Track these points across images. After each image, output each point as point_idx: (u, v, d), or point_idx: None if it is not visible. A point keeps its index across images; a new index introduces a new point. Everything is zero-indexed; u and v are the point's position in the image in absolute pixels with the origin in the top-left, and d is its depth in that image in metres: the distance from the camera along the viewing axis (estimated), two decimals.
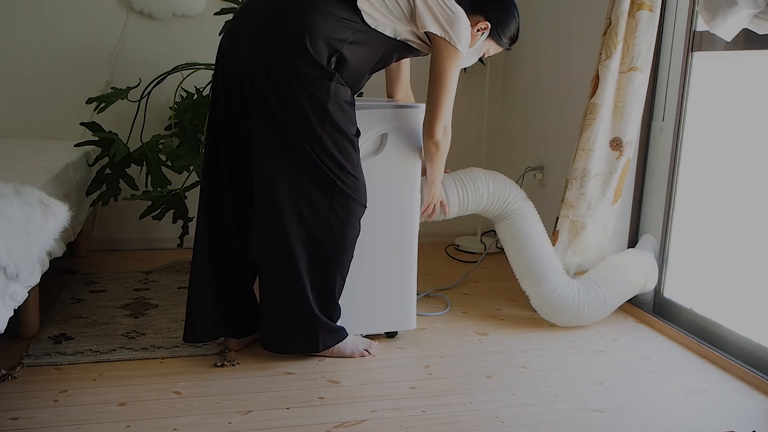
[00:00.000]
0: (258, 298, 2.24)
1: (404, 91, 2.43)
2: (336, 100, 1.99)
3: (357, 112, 2.09)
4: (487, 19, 2.13)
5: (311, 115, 1.97)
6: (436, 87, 2.09)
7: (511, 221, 2.54)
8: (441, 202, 2.36)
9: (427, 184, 2.29)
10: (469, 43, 2.10)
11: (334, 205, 2.06)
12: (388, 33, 2.04)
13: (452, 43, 2.02)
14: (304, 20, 1.94)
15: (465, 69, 3.58)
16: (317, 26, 1.94)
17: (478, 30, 2.13)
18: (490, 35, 2.17)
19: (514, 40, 2.24)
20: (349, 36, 1.98)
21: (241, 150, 2.12)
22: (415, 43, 2.09)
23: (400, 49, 2.12)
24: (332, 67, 1.98)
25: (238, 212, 2.17)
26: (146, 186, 3.08)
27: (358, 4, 1.98)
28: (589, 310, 2.50)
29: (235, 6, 2.84)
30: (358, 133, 2.08)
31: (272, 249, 2.09)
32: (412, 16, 2.02)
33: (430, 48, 2.09)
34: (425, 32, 2.03)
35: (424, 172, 2.33)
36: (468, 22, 2.06)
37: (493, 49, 2.23)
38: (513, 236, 2.54)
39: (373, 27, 2.01)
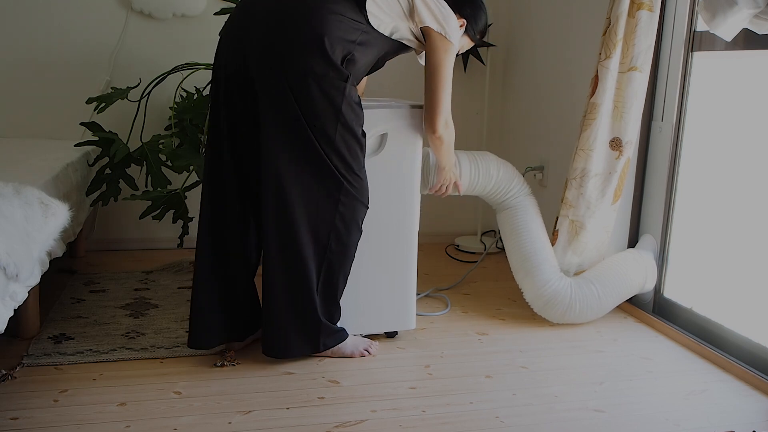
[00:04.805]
0: (256, 298, 2.24)
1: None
2: (349, 101, 2.01)
3: None
4: (462, 16, 2.22)
5: (325, 115, 1.98)
6: (433, 81, 2.13)
7: (512, 213, 2.58)
8: (455, 182, 2.40)
9: (439, 170, 2.33)
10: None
11: (340, 206, 2.06)
12: (387, 32, 2.07)
13: (447, 37, 2.09)
14: (322, 22, 1.95)
15: (465, 69, 3.59)
16: (333, 28, 1.96)
17: None
18: (465, 31, 2.25)
19: (483, 33, 2.35)
20: (357, 37, 2.01)
21: (247, 148, 2.11)
22: (410, 41, 2.13)
23: (395, 49, 2.16)
24: (344, 66, 1.99)
25: (242, 213, 2.15)
26: (146, 186, 3.08)
27: (366, 5, 2.00)
28: (581, 307, 2.50)
29: (235, 6, 2.84)
30: (364, 134, 2.08)
31: (282, 251, 2.08)
32: (411, 13, 2.08)
33: (423, 45, 2.14)
34: (421, 28, 2.09)
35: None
36: (456, 19, 2.15)
37: (466, 44, 2.32)
38: (512, 228, 2.58)
39: (375, 27, 2.03)
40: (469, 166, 2.48)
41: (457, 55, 2.38)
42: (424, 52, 2.18)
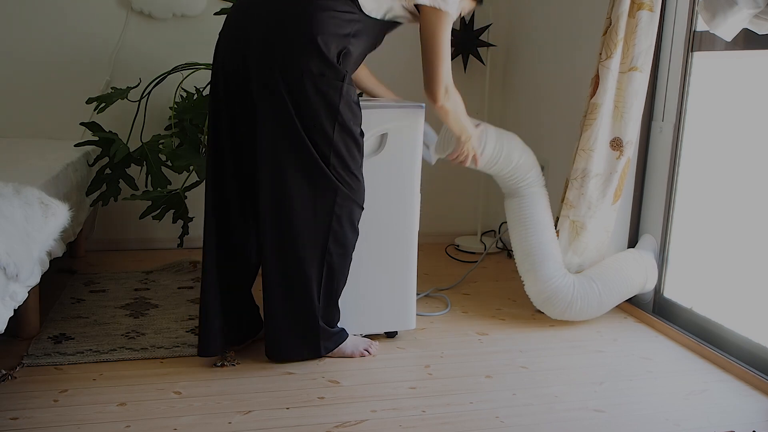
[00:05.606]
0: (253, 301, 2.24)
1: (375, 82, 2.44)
2: (347, 100, 2.00)
3: None
4: None
5: (323, 115, 1.97)
6: (430, 53, 2.06)
7: (522, 202, 2.54)
8: (474, 156, 2.34)
9: (457, 140, 2.27)
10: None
11: (336, 207, 2.06)
12: (380, 15, 2.04)
13: (440, 8, 2.02)
14: (315, 20, 1.94)
15: (465, 69, 3.59)
16: (326, 25, 1.95)
17: None
18: None
19: None
20: (351, 30, 1.99)
21: (247, 148, 2.10)
22: (404, 18, 2.09)
23: (388, 28, 2.12)
24: (339, 63, 1.99)
25: (242, 214, 2.15)
26: (146, 186, 3.08)
27: None
28: (581, 304, 2.50)
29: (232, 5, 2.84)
30: (362, 134, 2.08)
31: (280, 254, 2.07)
32: None
33: (417, 18, 2.09)
34: (415, 4, 2.04)
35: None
36: None
37: (467, 6, 2.26)
38: (520, 218, 2.54)
39: (367, 13, 2.01)
40: (494, 143, 2.40)
41: (461, 18, 2.34)
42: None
